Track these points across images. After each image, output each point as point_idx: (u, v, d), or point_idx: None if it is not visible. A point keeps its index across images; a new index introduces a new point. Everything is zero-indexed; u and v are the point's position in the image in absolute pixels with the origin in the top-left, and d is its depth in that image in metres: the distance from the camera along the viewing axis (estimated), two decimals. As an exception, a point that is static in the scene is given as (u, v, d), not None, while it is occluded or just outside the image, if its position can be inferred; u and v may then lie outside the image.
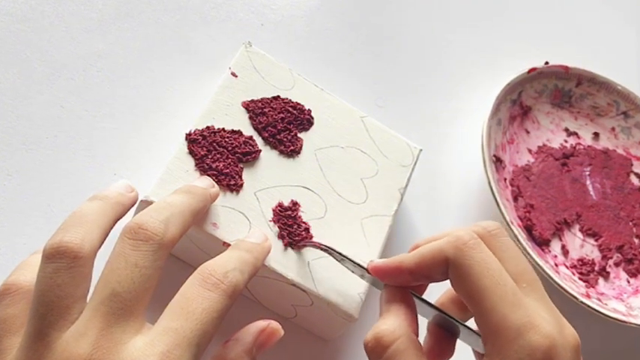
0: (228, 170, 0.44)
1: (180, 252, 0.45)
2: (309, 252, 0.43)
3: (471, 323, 0.36)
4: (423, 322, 0.38)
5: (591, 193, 0.63)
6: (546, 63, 0.64)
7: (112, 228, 0.34)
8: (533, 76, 0.63)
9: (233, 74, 0.49)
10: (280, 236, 0.43)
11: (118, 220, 0.35)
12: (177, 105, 0.53)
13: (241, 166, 0.45)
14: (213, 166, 0.44)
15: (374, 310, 0.49)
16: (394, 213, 0.48)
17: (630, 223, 0.62)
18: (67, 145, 0.48)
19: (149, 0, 0.56)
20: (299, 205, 0.45)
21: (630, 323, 0.53)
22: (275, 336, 0.36)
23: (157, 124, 0.51)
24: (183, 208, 0.36)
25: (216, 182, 0.43)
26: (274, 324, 0.36)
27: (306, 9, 0.63)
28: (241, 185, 0.44)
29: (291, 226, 0.44)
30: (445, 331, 0.38)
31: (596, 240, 0.60)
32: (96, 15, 0.54)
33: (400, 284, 0.38)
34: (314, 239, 0.44)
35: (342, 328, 0.45)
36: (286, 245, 0.43)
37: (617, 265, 0.60)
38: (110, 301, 0.30)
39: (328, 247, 0.42)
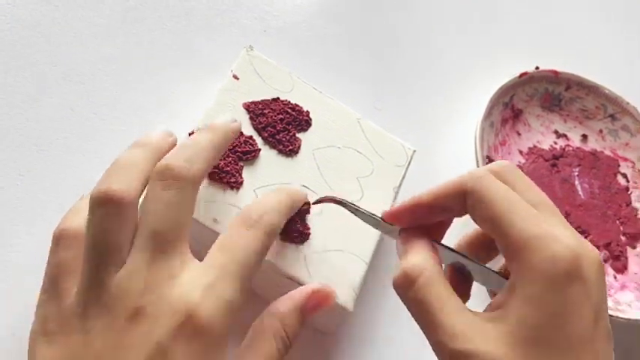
0: (228, 168, 0.44)
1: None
2: (307, 247, 0.43)
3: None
4: None
5: (580, 192, 0.63)
6: (537, 68, 0.64)
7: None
8: (525, 80, 0.63)
9: (235, 77, 0.49)
10: (278, 232, 0.43)
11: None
12: (181, 107, 0.53)
13: (241, 164, 0.45)
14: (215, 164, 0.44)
15: (368, 304, 0.49)
16: (388, 210, 0.48)
17: (617, 222, 0.62)
18: (77, 145, 0.48)
19: (155, 7, 0.57)
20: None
21: (617, 317, 0.53)
22: (328, 300, 0.37)
23: (162, 124, 0.51)
24: (206, 144, 0.36)
25: (217, 180, 0.43)
26: (328, 288, 0.37)
27: (307, 15, 0.63)
28: (241, 183, 0.44)
29: (288, 222, 0.44)
30: (461, 276, 0.38)
31: (585, 237, 0.60)
32: (104, 21, 0.54)
33: (417, 223, 0.37)
34: (309, 230, 0.44)
35: (338, 320, 0.45)
36: (284, 240, 0.43)
37: (604, 261, 0.60)
38: (153, 239, 0.31)
39: (343, 200, 0.41)
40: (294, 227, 0.43)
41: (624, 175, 0.65)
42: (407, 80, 0.65)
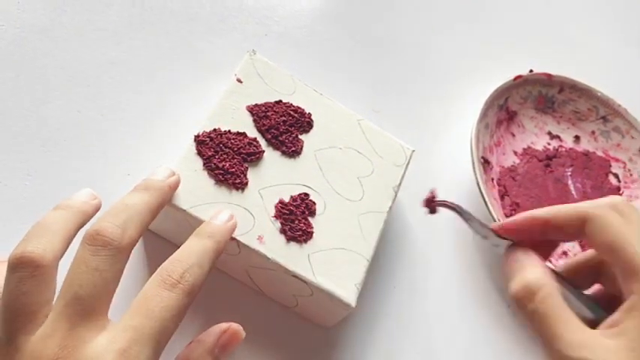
0: (234, 170, 0.44)
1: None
2: (310, 245, 0.44)
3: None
4: None
5: (572, 192, 0.63)
6: (531, 71, 0.64)
7: (74, 235, 0.34)
8: (519, 83, 0.64)
9: (238, 80, 0.49)
10: (282, 231, 0.44)
11: (82, 227, 0.35)
12: (185, 109, 0.53)
13: (246, 165, 0.45)
14: (220, 165, 0.44)
15: (370, 301, 0.50)
16: (389, 209, 0.49)
17: (609, 221, 0.63)
18: (83, 147, 0.48)
19: (160, 11, 0.57)
20: (301, 202, 0.46)
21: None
22: (237, 337, 0.36)
23: (167, 126, 0.52)
24: (141, 208, 0.35)
25: (222, 181, 0.44)
26: (235, 326, 0.36)
27: (307, 20, 0.64)
28: (246, 184, 0.45)
29: (292, 221, 0.44)
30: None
31: (578, 236, 0.61)
32: (110, 26, 0.54)
33: (527, 238, 0.38)
34: (313, 229, 0.44)
35: (340, 316, 0.45)
36: (288, 239, 0.44)
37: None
38: (74, 303, 0.30)
39: (458, 206, 0.40)
40: (298, 226, 0.44)
41: (616, 175, 0.66)
42: (404, 83, 0.65)
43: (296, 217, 0.44)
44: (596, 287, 0.39)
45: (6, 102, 0.48)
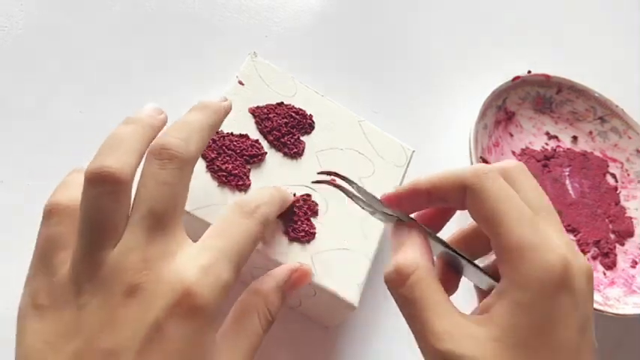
0: (236, 171, 0.45)
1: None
2: (313, 246, 0.44)
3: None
4: None
5: (570, 192, 0.64)
6: (529, 72, 0.65)
7: (146, 149, 0.34)
8: (517, 84, 0.64)
9: (240, 82, 0.49)
10: (285, 232, 0.44)
11: (151, 141, 0.35)
12: (187, 110, 0.53)
13: (249, 167, 0.46)
14: (223, 167, 0.44)
15: (372, 300, 0.50)
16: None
17: (606, 220, 0.63)
18: (86, 147, 0.48)
19: (161, 13, 0.57)
20: (303, 202, 0.46)
21: (607, 312, 0.54)
22: (306, 278, 0.38)
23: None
24: (202, 124, 0.36)
25: (225, 182, 0.44)
26: (306, 267, 0.38)
27: (307, 22, 0.64)
28: (249, 185, 0.45)
29: (295, 222, 0.45)
30: (450, 268, 0.37)
31: (575, 235, 0.61)
32: (113, 28, 0.54)
33: (413, 209, 0.36)
34: (315, 230, 0.45)
35: (343, 316, 0.46)
36: (291, 240, 0.44)
37: (594, 258, 0.60)
38: (149, 217, 0.31)
39: (345, 177, 0.39)
40: (300, 227, 0.44)
41: (613, 175, 0.66)
42: (403, 84, 0.66)
43: (299, 218, 0.45)
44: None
45: (9, 102, 0.48)
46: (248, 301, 0.35)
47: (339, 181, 0.39)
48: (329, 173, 0.40)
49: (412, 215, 0.37)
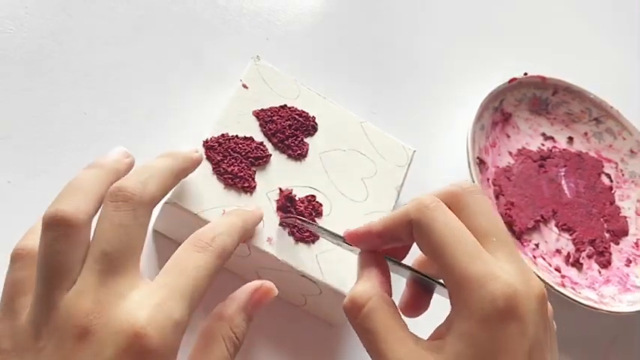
0: (242, 174, 0.45)
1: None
2: (318, 245, 0.45)
3: None
4: (402, 282, 0.39)
5: (566, 192, 0.64)
6: (525, 74, 0.65)
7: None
8: (514, 85, 0.65)
9: (244, 86, 0.50)
10: (291, 232, 0.45)
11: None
12: (189, 111, 0.54)
13: (254, 169, 0.46)
14: (229, 170, 0.45)
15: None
16: (392, 209, 0.50)
17: (601, 219, 0.64)
18: (90, 148, 0.49)
19: (164, 15, 0.58)
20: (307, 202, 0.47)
21: (602, 310, 0.55)
22: (269, 295, 0.36)
23: (171, 129, 0.52)
24: (163, 169, 0.36)
25: (231, 184, 0.45)
26: (268, 283, 0.36)
27: (308, 24, 0.65)
28: (254, 187, 0.46)
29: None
30: (422, 287, 0.38)
31: (571, 234, 0.62)
32: (115, 30, 0.55)
33: (373, 248, 0.37)
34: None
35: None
36: (297, 240, 0.45)
37: (589, 257, 0.61)
38: (102, 260, 0.31)
39: (305, 221, 0.43)
40: (305, 228, 0.45)
41: (608, 176, 0.67)
42: (402, 85, 0.66)
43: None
44: None
45: (15, 104, 0.48)
46: (213, 328, 0.34)
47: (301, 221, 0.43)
48: (294, 217, 0.44)
49: None
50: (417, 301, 0.38)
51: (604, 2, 0.86)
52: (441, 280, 0.36)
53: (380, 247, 0.38)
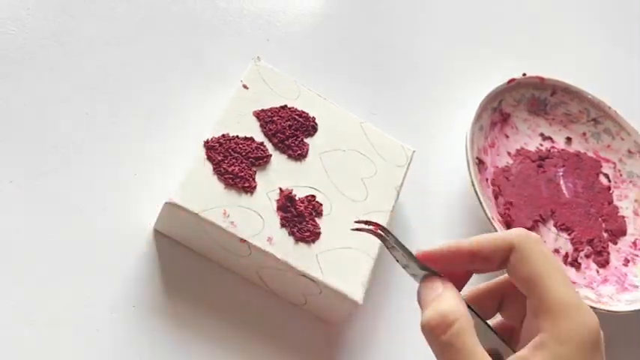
0: (242, 174, 0.46)
1: (202, 249, 0.47)
2: (318, 245, 0.45)
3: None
4: None
5: (564, 191, 0.65)
6: (524, 74, 0.66)
7: None
8: (512, 86, 0.65)
9: (244, 86, 0.50)
10: (291, 232, 0.45)
11: None
12: (189, 111, 0.54)
13: (254, 169, 0.47)
14: (229, 170, 0.45)
15: (376, 298, 0.51)
16: (392, 208, 0.50)
17: (599, 219, 0.64)
18: (92, 147, 0.49)
19: (165, 17, 0.58)
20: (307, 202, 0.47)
21: (600, 309, 0.55)
22: None
23: (172, 128, 0.53)
24: None
25: (232, 184, 0.45)
26: None
27: (308, 25, 0.65)
28: (255, 187, 0.46)
29: (300, 222, 0.46)
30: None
31: (569, 234, 0.62)
32: (116, 31, 0.55)
33: (451, 270, 0.37)
34: (320, 230, 0.46)
35: (348, 313, 0.47)
36: (297, 240, 0.45)
37: (587, 256, 0.61)
38: None
39: (384, 233, 0.38)
40: (306, 227, 0.45)
41: (606, 176, 0.68)
42: (401, 86, 0.67)
43: (304, 219, 0.46)
44: (497, 318, 0.38)
45: (17, 105, 0.49)
46: None
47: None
48: (371, 223, 0.38)
49: None
50: None
51: (602, 4, 0.86)
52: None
53: (461, 269, 0.37)
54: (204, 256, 0.47)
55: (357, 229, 0.38)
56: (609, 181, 0.67)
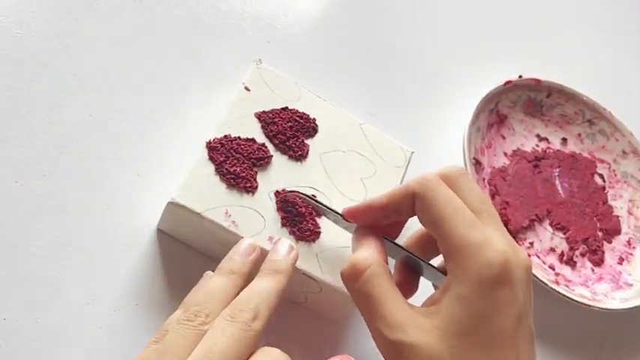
0: (244, 174, 0.46)
1: (204, 248, 0.47)
2: (318, 244, 0.46)
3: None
4: (391, 264, 0.40)
5: (560, 191, 0.65)
6: (520, 76, 0.66)
7: (235, 294, 0.36)
8: (509, 88, 0.65)
9: (246, 88, 0.51)
10: (291, 231, 0.46)
11: (241, 285, 0.37)
12: (191, 112, 0.54)
13: (255, 170, 0.47)
14: (231, 170, 0.46)
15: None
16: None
17: (594, 218, 0.65)
18: (95, 148, 0.50)
19: (167, 18, 0.58)
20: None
21: (594, 307, 0.56)
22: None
23: (174, 129, 0.53)
24: (270, 295, 0.37)
25: (234, 185, 0.45)
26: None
27: (308, 27, 0.65)
28: (256, 187, 0.46)
29: (300, 222, 0.46)
30: (411, 270, 0.40)
31: (565, 233, 0.63)
32: (121, 32, 0.55)
33: (372, 223, 0.40)
34: (320, 229, 0.46)
35: (347, 310, 0.47)
36: (297, 239, 0.45)
37: (582, 255, 0.62)
38: (205, 356, 0.32)
39: (307, 196, 0.45)
40: (306, 227, 0.46)
41: (601, 176, 0.68)
42: (400, 87, 0.67)
43: (304, 218, 0.46)
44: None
45: (22, 106, 0.49)
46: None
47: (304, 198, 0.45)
48: (293, 192, 0.45)
49: None
50: (408, 284, 0.41)
51: (597, 7, 0.87)
52: (431, 262, 0.39)
53: (380, 222, 0.40)
54: (207, 255, 0.47)
55: (283, 199, 0.45)
56: (604, 181, 0.68)
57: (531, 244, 0.61)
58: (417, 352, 0.33)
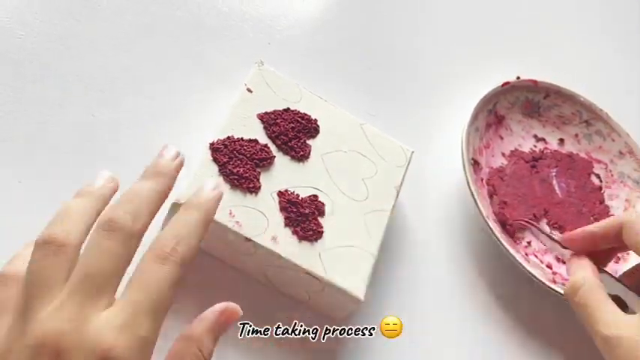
0: (247, 175, 0.46)
1: (210, 248, 0.47)
2: (321, 244, 0.46)
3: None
4: None
5: (557, 191, 0.65)
6: (518, 78, 0.66)
7: (96, 219, 0.35)
8: (507, 89, 0.66)
9: (248, 90, 0.51)
10: (294, 231, 0.46)
11: (102, 210, 0.36)
12: (193, 114, 0.55)
13: (258, 170, 0.47)
14: (235, 171, 0.46)
15: (377, 295, 0.52)
16: (392, 208, 0.51)
17: (591, 218, 0.65)
18: (98, 149, 0.50)
19: (169, 20, 0.58)
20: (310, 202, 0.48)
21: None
22: (235, 316, 0.36)
23: (177, 131, 0.53)
24: (152, 196, 0.36)
25: (237, 185, 0.45)
26: (233, 305, 0.36)
27: (308, 29, 0.66)
28: (259, 187, 0.46)
29: (303, 222, 0.46)
30: (617, 302, 0.46)
31: (562, 232, 0.63)
32: (122, 34, 0.56)
33: (586, 250, 0.48)
34: (323, 229, 0.47)
35: (349, 309, 0.48)
36: (300, 239, 0.46)
37: (579, 254, 0.62)
38: (84, 281, 0.31)
39: (531, 223, 0.56)
40: (309, 226, 0.46)
41: (598, 176, 0.68)
42: (399, 88, 0.67)
43: (306, 218, 0.46)
44: None
45: (25, 107, 0.49)
46: (181, 348, 0.34)
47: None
48: (526, 221, 0.57)
49: None
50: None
51: (595, 8, 0.87)
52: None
53: (593, 249, 0.48)
54: (210, 255, 0.48)
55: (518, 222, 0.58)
56: (601, 181, 0.68)
57: (529, 243, 0.61)
58: (622, 341, 0.40)
